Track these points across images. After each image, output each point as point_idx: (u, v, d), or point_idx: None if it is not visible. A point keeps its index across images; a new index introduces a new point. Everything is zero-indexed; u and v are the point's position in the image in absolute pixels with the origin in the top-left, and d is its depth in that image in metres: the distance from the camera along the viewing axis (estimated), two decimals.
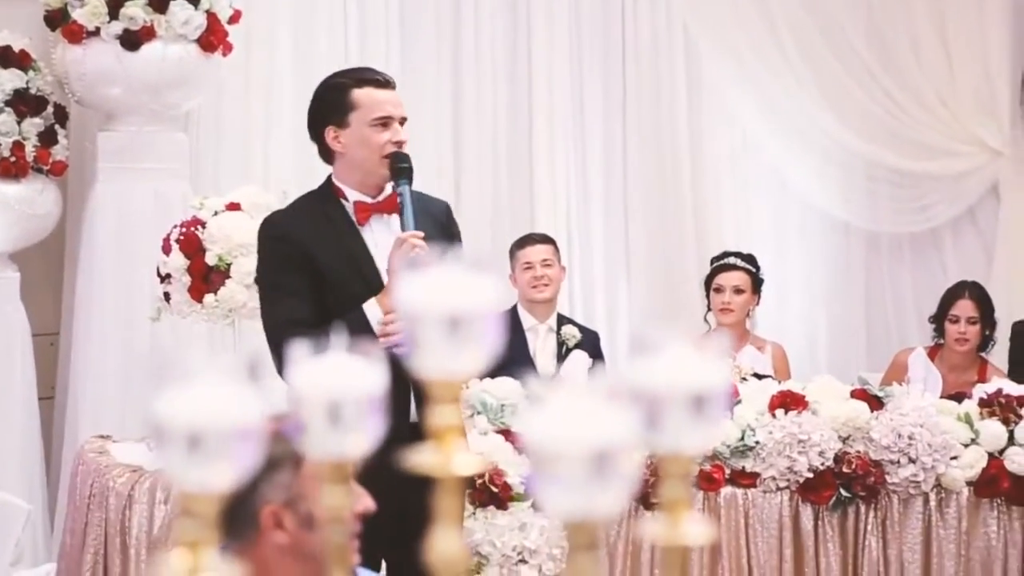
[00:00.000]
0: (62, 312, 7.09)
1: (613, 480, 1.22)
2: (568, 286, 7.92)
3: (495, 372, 5.97)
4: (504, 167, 8.00)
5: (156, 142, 6.94)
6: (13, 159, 6.61)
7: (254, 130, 7.55)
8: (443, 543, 1.35)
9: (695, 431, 1.43)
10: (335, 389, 1.45)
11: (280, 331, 4.04)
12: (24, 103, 6.69)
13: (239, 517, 2.70)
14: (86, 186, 6.97)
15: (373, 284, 4.12)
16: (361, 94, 4.26)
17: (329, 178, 4.37)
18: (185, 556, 1.26)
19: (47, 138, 6.75)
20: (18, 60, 6.71)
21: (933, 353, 6.75)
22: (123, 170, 6.86)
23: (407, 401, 3.91)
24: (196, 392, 1.23)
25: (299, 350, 1.50)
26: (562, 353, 6.65)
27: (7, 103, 6.65)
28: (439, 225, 4.37)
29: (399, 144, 4.23)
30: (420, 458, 1.36)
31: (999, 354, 6.88)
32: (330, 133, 4.28)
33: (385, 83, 4.29)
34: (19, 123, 6.67)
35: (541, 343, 6.70)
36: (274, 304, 4.19)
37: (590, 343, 6.76)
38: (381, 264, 4.18)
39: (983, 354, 6.76)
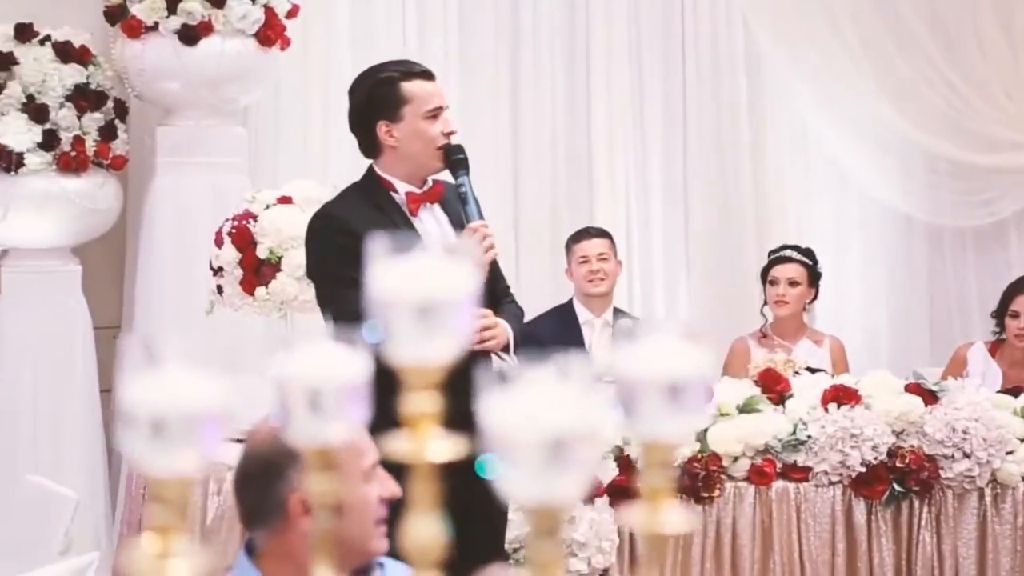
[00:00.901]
0: (123, 305, 7.15)
1: (573, 466, 1.22)
2: (627, 279, 7.90)
3: None
4: (562, 161, 7.98)
5: (215, 136, 6.99)
6: (74, 153, 6.67)
7: (312, 124, 7.58)
8: (418, 529, 1.35)
9: (674, 420, 1.42)
10: (315, 377, 1.46)
11: (352, 325, 4.07)
12: (84, 98, 6.75)
13: (267, 505, 2.72)
14: (146, 180, 7.02)
15: None
16: (412, 87, 4.26)
17: (371, 170, 4.37)
18: (154, 541, 1.26)
19: (107, 133, 6.81)
20: (78, 55, 6.78)
21: (994, 349, 6.66)
22: (182, 164, 6.91)
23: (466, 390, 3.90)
24: (162, 377, 1.24)
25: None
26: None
27: (68, 98, 6.71)
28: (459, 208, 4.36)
29: (450, 134, 4.23)
30: (394, 445, 1.36)
31: None
32: (382, 128, 4.27)
33: (430, 74, 4.30)
34: (79, 118, 6.73)
35: (597, 337, 6.68)
36: (341, 298, 4.10)
37: None
38: None
39: None
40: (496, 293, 4.34)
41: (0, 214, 6.63)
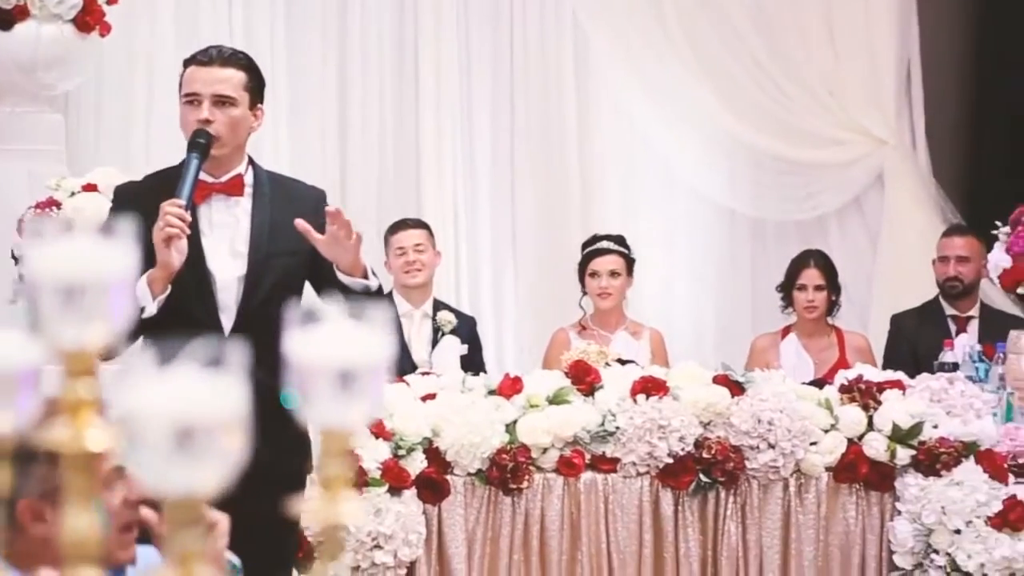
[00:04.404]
0: None
1: (210, 456, 1.19)
2: (455, 271, 7.91)
3: None
4: (390, 153, 7.98)
5: (31, 123, 6.87)
6: None
7: (135, 112, 7.48)
8: (75, 522, 1.32)
9: (349, 407, 1.41)
10: None
11: None
12: None
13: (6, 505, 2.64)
14: None
15: (194, 263, 4.01)
16: (185, 73, 4.20)
17: None
18: None
19: None
20: None
21: (786, 332, 6.83)
22: None
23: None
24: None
25: None
26: (437, 339, 6.61)
27: None
28: (305, 213, 4.17)
29: (203, 123, 4.10)
30: (52, 434, 1.33)
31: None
32: None
33: (208, 61, 4.16)
34: None
35: (416, 329, 6.64)
36: None
37: (466, 329, 6.72)
38: (208, 244, 4.09)
39: (831, 320, 6.84)
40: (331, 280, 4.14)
41: None
